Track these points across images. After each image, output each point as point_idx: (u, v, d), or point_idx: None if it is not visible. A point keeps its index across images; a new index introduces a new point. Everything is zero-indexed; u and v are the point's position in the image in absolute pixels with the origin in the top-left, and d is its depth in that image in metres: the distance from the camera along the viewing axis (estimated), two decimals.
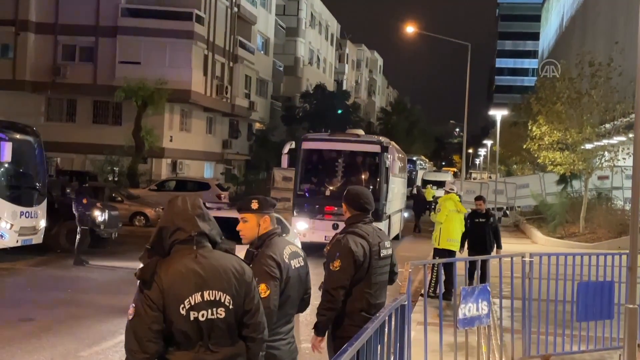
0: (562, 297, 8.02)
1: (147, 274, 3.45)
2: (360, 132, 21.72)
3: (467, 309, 6.85)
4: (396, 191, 23.33)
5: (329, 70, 74.07)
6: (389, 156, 19.51)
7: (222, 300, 3.50)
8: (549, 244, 23.14)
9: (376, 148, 19.40)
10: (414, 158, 62.23)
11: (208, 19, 39.53)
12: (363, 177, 19.36)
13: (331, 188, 19.25)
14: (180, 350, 3.46)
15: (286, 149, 20.86)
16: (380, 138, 20.30)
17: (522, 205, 37.11)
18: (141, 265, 3.55)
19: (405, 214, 29.01)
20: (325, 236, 16.42)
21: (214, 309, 3.48)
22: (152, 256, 3.54)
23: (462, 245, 12.79)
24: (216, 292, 3.49)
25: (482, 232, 12.86)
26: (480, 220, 12.99)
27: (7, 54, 37.84)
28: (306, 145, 19.95)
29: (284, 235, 4.68)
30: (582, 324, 8.02)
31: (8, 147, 14.63)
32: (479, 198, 13.55)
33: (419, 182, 49.02)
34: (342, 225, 7.87)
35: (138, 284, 3.48)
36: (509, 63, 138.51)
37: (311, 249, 12.90)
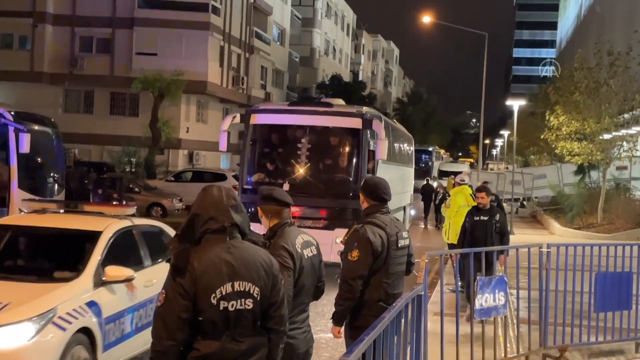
0: (580, 288, 7.98)
1: (181, 262, 3.47)
2: (339, 101, 15.91)
3: (484, 300, 6.84)
4: (393, 184, 17.72)
5: (345, 61, 73.93)
6: (376, 134, 13.36)
7: (251, 292, 3.53)
8: (566, 235, 23.00)
9: (355, 123, 13.40)
10: (430, 148, 59.66)
11: (224, 10, 39.56)
12: (337, 163, 13.75)
13: (292, 180, 13.28)
14: (206, 340, 3.49)
15: (226, 124, 14.20)
16: (363, 109, 14.15)
17: (539, 195, 36.86)
18: (170, 249, 3.58)
19: (412, 212, 24.12)
20: None
21: (243, 300, 3.50)
22: (182, 242, 3.56)
23: (458, 245, 10.29)
24: (246, 283, 3.52)
25: (482, 234, 9.76)
26: (482, 218, 9.90)
27: (25, 46, 38.10)
28: (257, 119, 14.00)
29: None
30: (599, 314, 7.99)
31: (27, 138, 14.73)
32: (481, 189, 10.44)
33: (435, 174, 48.77)
34: (314, 232, 7.18)
35: (169, 271, 3.49)
36: (527, 53, 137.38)
37: None
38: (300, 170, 13.53)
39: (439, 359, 6.27)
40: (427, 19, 40.80)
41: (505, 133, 57.77)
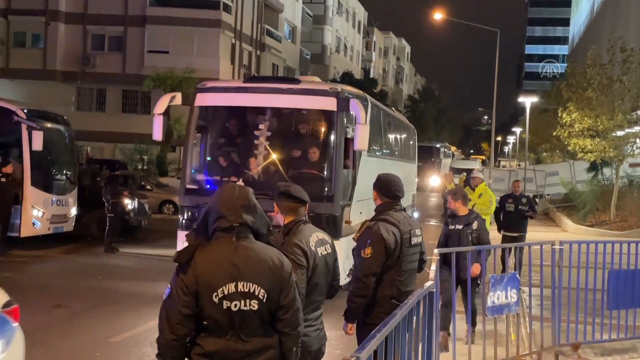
0: (593, 285, 7.94)
1: (184, 258, 3.49)
2: (313, 78, 13.15)
3: (495, 297, 6.83)
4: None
5: (356, 58, 73.85)
6: (355, 117, 10.32)
7: (256, 293, 3.51)
8: (579, 232, 22.90)
9: (328, 103, 10.56)
10: (437, 145, 57.69)
11: (235, 7, 39.61)
12: (305, 156, 10.86)
13: (248, 178, 10.58)
14: (211, 337, 3.50)
15: (161, 106, 11.01)
16: (339, 87, 11.04)
17: (551, 193, 36.74)
18: (187, 243, 3.60)
19: (415, 214, 19.92)
20: None
21: (247, 301, 3.49)
22: (198, 237, 3.58)
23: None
24: (251, 284, 3.50)
25: (455, 245, 8.05)
26: (457, 226, 8.32)
27: (37, 44, 38.32)
28: (203, 99, 11.21)
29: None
30: (612, 312, 7.96)
31: (40, 136, 14.82)
32: (453, 193, 8.75)
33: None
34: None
35: (176, 266, 3.52)
36: (539, 49, 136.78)
37: None
38: (258, 165, 10.64)
39: (452, 355, 6.27)
40: (438, 15, 40.66)
41: (517, 130, 57.62)
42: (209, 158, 11.79)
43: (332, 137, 10.62)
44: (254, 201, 3.67)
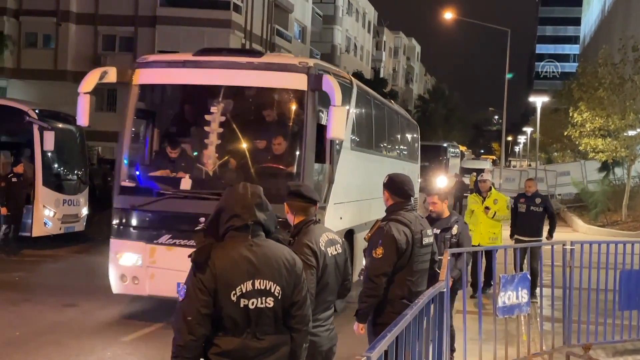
0: (604, 285, 7.91)
1: (202, 258, 3.48)
2: (289, 57, 11.22)
3: (506, 297, 6.81)
4: (374, 183, 10.39)
5: (366, 58, 73.79)
6: (332, 96, 8.20)
7: (272, 290, 3.53)
8: (590, 232, 22.80)
9: (296, 80, 8.63)
10: (444, 144, 53.65)
11: (245, 7, 39.67)
12: (268, 147, 8.98)
13: (197, 174, 8.92)
14: (227, 336, 3.50)
15: (89, 84, 8.97)
16: (310, 61, 8.94)
17: (562, 193, 36.64)
18: (195, 243, 3.60)
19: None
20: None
21: (264, 298, 3.51)
22: (206, 237, 3.58)
23: None
24: (267, 281, 3.52)
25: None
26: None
27: (49, 45, 38.47)
28: (143, 76, 9.22)
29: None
30: (624, 313, 7.92)
31: (51, 136, 14.90)
32: (438, 193, 7.64)
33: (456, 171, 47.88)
34: None
35: (191, 266, 3.52)
36: (550, 49, 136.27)
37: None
38: (210, 158, 8.74)
39: (462, 356, 6.25)
40: (448, 15, 40.59)
41: (528, 130, 57.41)
42: (150, 149, 9.80)
43: (302, 124, 8.51)
44: (265, 199, 3.69)
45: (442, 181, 28.57)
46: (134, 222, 8.95)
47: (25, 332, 8.67)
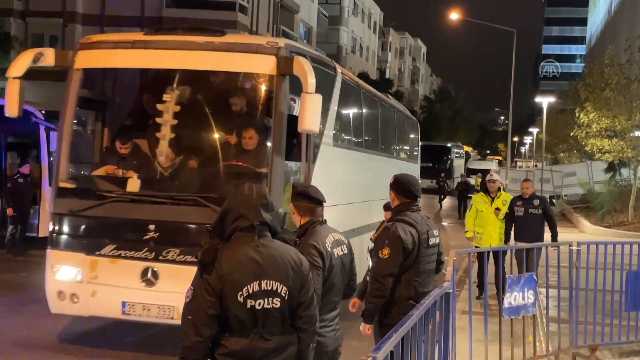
0: (611, 286, 7.88)
1: (208, 259, 3.50)
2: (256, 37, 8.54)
3: (512, 298, 6.80)
4: (363, 184, 10.87)
5: (372, 59, 73.79)
6: (304, 82, 6.93)
7: (279, 291, 3.54)
8: (596, 233, 22.74)
9: (264, 64, 7.30)
10: (448, 144, 53.43)
11: (251, 8, 39.71)
12: (229, 142, 7.64)
13: (148, 173, 7.59)
14: (234, 337, 3.51)
15: (19, 67, 7.84)
16: (281, 41, 7.59)
17: (569, 193, 36.54)
18: (202, 244, 3.61)
19: None
20: (125, 302, 7.11)
21: (270, 299, 3.52)
22: (213, 238, 3.59)
23: None
24: (273, 282, 3.53)
25: None
26: None
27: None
28: (87, 58, 7.95)
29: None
30: (630, 313, 7.90)
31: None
32: (388, 207, 7.18)
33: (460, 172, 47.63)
34: (181, 272, 6.47)
35: (197, 267, 3.52)
36: (556, 49, 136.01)
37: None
38: (161, 155, 7.42)
39: (468, 357, 6.25)
40: (454, 15, 40.54)
41: (534, 130, 57.28)
42: (92, 145, 8.57)
43: (270, 115, 7.23)
44: (270, 200, 3.70)
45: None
46: (73, 229, 7.57)
47: (31, 333, 8.69)
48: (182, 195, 7.10)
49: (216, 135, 7.73)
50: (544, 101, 32.59)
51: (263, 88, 7.45)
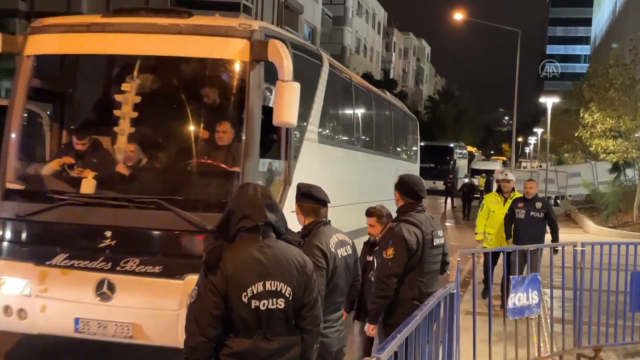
0: (615, 287, 7.87)
1: (213, 259, 3.50)
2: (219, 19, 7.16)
3: (517, 299, 6.79)
4: (341, 187, 9.15)
5: (376, 59, 73.79)
6: (280, 68, 6.07)
7: (283, 291, 3.55)
8: (601, 234, 22.69)
9: (236, 49, 6.36)
10: (451, 144, 52.54)
11: (255, 9, 39.77)
12: (197, 137, 6.79)
13: (105, 171, 6.70)
14: (238, 337, 3.52)
15: None
16: (255, 24, 6.57)
17: (573, 194, 36.48)
18: (207, 244, 3.62)
19: None
20: (78, 319, 6.20)
21: (274, 299, 3.52)
22: (217, 239, 3.60)
23: None
24: (278, 282, 3.54)
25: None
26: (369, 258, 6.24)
27: None
28: (38, 44, 6.97)
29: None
30: (635, 314, 7.88)
31: None
32: (379, 215, 6.10)
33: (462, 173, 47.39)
34: (139, 285, 5.82)
35: (202, 267, 3.53)
36: (560, 50, 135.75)
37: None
38: (120, 152, 6.65)
39: (472, 357, 6.25)
40: (458, 16, 40.51)
41: (538, 131, 57.21)
42: (44, 141, 7.64)
43: (242, 107, 6.32)
44: (275, 200, 3.71)
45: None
46: (20, 236, 6.67)
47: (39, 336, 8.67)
48: (143, 198, 6.21)
49: (181, 130, 6.85)
50: (549, 101, 32.58)
51: (234, 76, 6.57)
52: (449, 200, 35.64)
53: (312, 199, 4.63)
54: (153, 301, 5.87)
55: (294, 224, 4.49)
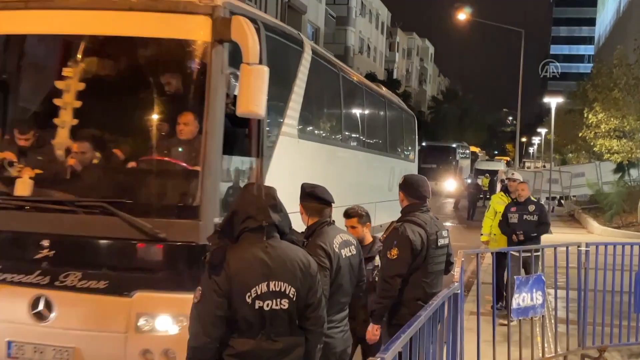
0: (620, 287, 7.86)
1: (217, 260, 3.50)
2: None
3: (521, 299, 6.79)
4: (341, 188, 7.97)
5: (380, 59, 73.75)
6: (244, 49, 5.11)
7: (287, 292, 3.55)
8: (605, 234, 22.66)
9: (195, 26, 5.38)
10: (453, 144, 52.39)
11: (259, 9, 39.85)
12: (149, 131, 5.69)
13: (46, 169, 5.61)
14: (242, 338, 3.52)
15: None
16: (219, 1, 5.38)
17: (577, 194, 36.43)
18: (210, 244, 3.62)
19: None
20: (11, 342, 5.20)
21: (278, 300, 3.52)
22: (221, 239, 3.59)
23: None
24: (281, 283, 3.54)
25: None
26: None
27: None
28: None
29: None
30: (639, 315, 7.87)
31: None
32: (350, 213, 5.93)
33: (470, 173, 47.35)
34: (78, 303, 4.99)
35: (206, 268, 3.53)
36: (564, 50, 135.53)
37: None
38: (61, 148, 5.64)
39: (476, 358, 6.24)
40: (462, 16, 40.45)
41: (542, 131, 57.08)
42: None
43: (202, 95, 5.39)
44: (279, 201, 3.70)
45: (450, 185, 28.09)
46: None
47: None
48: (85, 201, 5.31)
49: (131, 123, 5.84)
50: (552, 102, 32.45)
51: (193, 58, 5.57)
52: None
53: (316, 199, 4.63)
54: (97, 322, 5.06)
55: (299, 224, 4.46)
